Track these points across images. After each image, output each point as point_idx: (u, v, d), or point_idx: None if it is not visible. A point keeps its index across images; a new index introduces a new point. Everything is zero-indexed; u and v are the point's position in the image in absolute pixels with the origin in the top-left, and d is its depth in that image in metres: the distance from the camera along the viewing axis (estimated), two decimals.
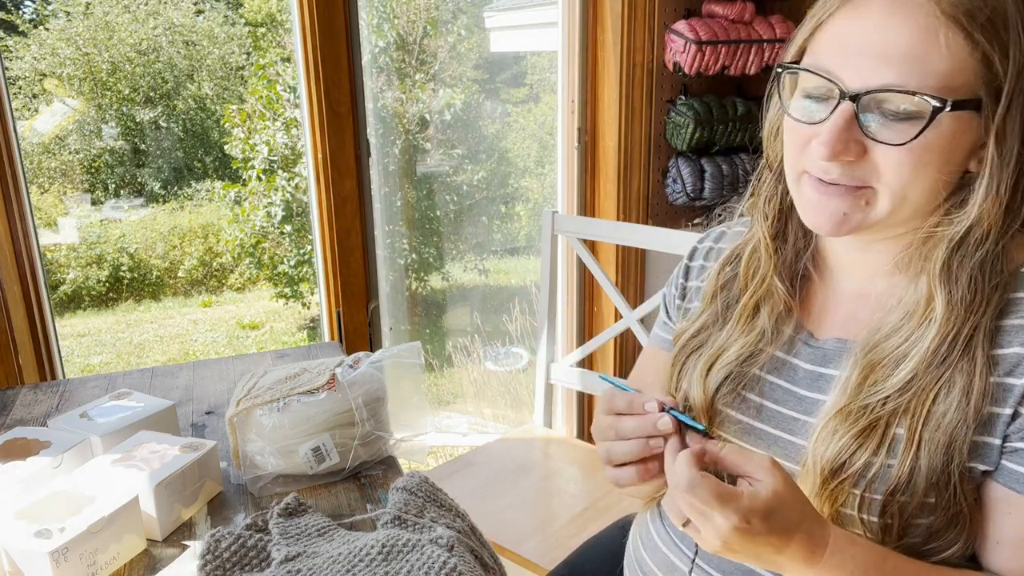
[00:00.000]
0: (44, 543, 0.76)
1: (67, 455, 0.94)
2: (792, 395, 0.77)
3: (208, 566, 0.78)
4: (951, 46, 0.61)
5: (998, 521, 0.66)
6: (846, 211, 0.68)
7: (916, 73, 0.61)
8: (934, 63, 0.61)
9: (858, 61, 0.64)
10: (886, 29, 0.62)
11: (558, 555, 1.21)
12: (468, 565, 0.78)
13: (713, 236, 0.93)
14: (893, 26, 0.62)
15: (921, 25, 0.61)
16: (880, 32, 0.63)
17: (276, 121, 4.36)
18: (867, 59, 0.63)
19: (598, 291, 2.17)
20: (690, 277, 0.93)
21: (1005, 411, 0.64)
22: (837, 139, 0.64)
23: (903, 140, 0.63)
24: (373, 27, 2.79)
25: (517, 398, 3.07)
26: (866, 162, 0.66)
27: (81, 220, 5.80)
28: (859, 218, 0.68)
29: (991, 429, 0.65)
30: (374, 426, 1.03)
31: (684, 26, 1.91)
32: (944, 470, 0.64)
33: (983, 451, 0.65)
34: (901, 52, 0.62)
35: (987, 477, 0.66)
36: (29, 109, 5.87)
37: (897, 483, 0.65)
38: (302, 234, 4.53)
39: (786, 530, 0.61)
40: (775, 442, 0.77)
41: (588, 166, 2.11)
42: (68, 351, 4.97)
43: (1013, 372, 0.64)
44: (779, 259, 0.79)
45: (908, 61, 0.62)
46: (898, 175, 0.65)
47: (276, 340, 5.28)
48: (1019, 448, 0.64)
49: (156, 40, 6.13)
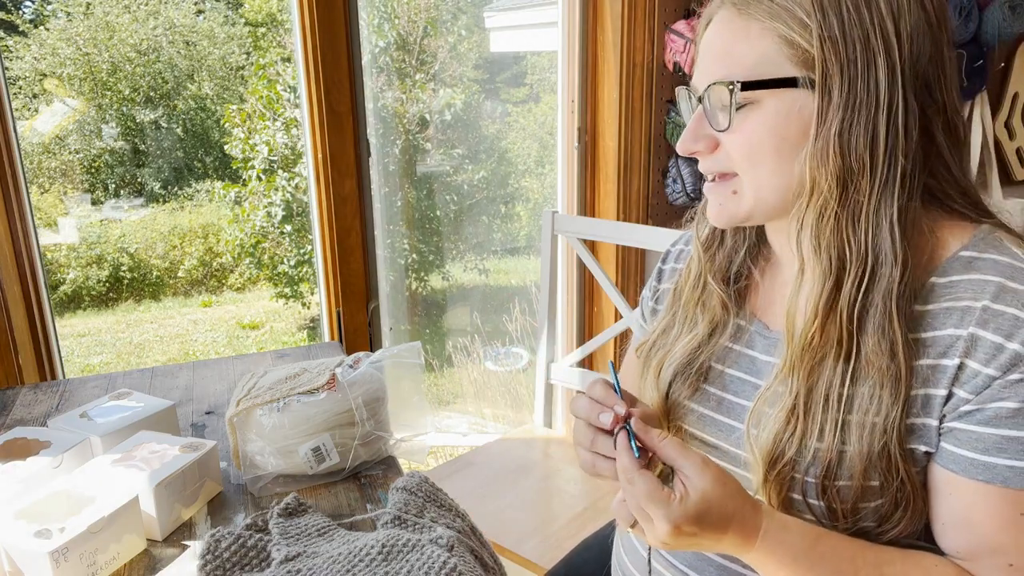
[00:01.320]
0: (44, 543, 0.76)
1: (67, 455, 0.94)
2: (749, 385, 0.79)
3: (208, 566, 0.78)
4: (752, 37, 0.69)
5: (941, 503, 0.68)
6: (721, 202, 0.75)
7: (728, 65, 0.70)
8: (743, 55, 0.69)
9: (699, 67, 0.74)
10: (712, 35, 0.72)
11: (558, 555, 1.21)
12: (468, 565, 0.78)
13: (684, 239, 0.96)
14: (715, 32, 0.72)
15: (733, 25, 0.70)
16: (709, 39, 0.73)
17: (276, 121, 4.36)
18: (702, 63, 0.74)
19: (598, 291, 2.17)
20: (662, 279, 0.96)
21: (940, 392, 0.66)
22: (688, 134, 0.74)
23: (724, 126, 0.71)
24: (373, 27, 2.79)
25: (517, 398, 3.07)
26: (720, 152, 0.73)
27: (81, 220, 5.80)
28: (732, 207, 0.75)
29: (928, 410, 0.66)
30: (374, 426, 1.03)
31: (684, 26, 1.91)
32: (882, 453, 0.66)
33: (922, 432, 0.67)
34: (718, 51, 0.71)
35: (930, 459, 0.68)
36: (29, 109, 5.87)
37: (828, 466, 0.68)
38: (302, 234, 4.53)
39: (719, 526, 0.65)
40: (733, 432, 0.78)
41: (588, 166, 2.11)
42: (68, 351, 4.97)
43: (946, 354, 0.66)
44: (712, 261, 0.84)
45: (723, 57, 0.70)
46: (739, 156, 0.71)
47: (276, 340, 5.28)
48: (954, 428, 0.66)
49: (156, 40, 6.14)
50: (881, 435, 0.66)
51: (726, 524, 0.65)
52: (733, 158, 0.72)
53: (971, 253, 0.68)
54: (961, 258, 0.68)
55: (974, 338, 0.64)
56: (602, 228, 1.79)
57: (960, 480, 0.66)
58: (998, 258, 0.67)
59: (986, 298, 0.65)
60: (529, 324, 2.94)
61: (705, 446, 0.81)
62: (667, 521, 0.63)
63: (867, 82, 0.65)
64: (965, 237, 0.70)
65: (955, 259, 0.68)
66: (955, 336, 0.65)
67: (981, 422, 0.64)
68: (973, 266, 0.67)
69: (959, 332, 0.65)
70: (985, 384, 0.63)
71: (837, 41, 0.65)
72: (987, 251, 0.68)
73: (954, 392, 0.65)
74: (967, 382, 0.64)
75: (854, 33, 0.65)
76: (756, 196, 0.72)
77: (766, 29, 0.68)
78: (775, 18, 0.67)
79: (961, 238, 0.70)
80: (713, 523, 0.64)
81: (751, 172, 0.71)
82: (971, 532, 0.67)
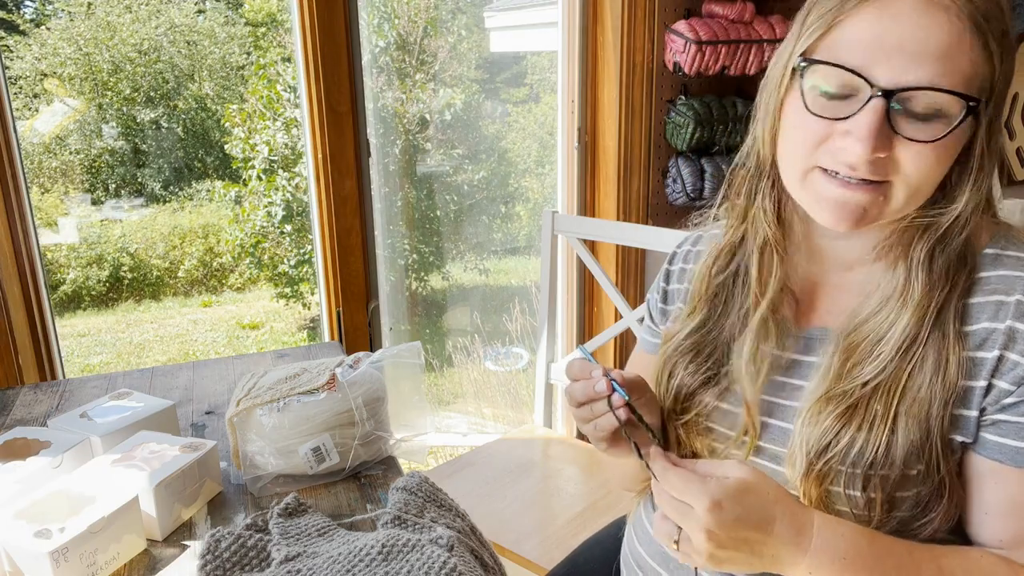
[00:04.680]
0: (44, 543, 0.76)
1: (67, 455, 0.94)
2: (774, 383, 0.79)
3: (208, 566, 0.78)
4: (973, 49, 0.64)
5: (985, 492, 0.70)
6: (866, 206, 0.69)
7: (948, 72, 0.63)
8: (961, 64, 0.64)
9: (890, 58, 0.64)
10: (919, 28, 0.63)
11: (558, 555, 1.21)
12: (468, 565, 0.78)
13: (691, 240, 0.95)
14: (926, 26, 0.63)
15: (953, 26, 0.63)
16: (914, 30, 0.63)
17: (276, 121, 4.36)
18: (900, 57, 0.64)
19: (598, 291, 2.17)
20: (671, 281, 0.94)
21: (979, 383, 0.68)
22: (876, 136, 0.65)
23: (933, 137, 0.65)
24: (373, 27, 2.79)
25: (517, 398, 3.07)
26: (888, 159, 0.67)
27: (81, 220, 5.80)
28: (875, 212, 0.70)
29: (967, 402, 0.68)
30: (374, 426, 1.03)
31: (684, 26, 1.91)
32: (925, 442, 0.67)
33: (961, 423, 0.69)
34: (934, 51, 0.63)
35: (968, 449, 0.70)
36: (30, 109, 5.87)
37: (875, 456, 0.68)
38: (302, 234, 4.53)
39: (763, 512, 0.64)
40: (765, 429, 0.78)
41: (588, 166, 2.11)
42: (68, 351, 4.97)
43: (983, 346, 0.68)
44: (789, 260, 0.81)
45: (941, 60, 0.63)
46: (919, 170, 0.67)
47: (276, 340, 5.28)
48: (998, 420, 0.68)
49: (157, 40, 6.13)
50: (926, 425, 0.67)
51: (771, 511, 0.64)
52: (903, 166, 0.67)
53: (995, 250, 0.72)
54: (987, 255, 0.72)
55: (1012, 331, 0.67)
56: (602, 228, 1.79)
57: (1007, 469, 0.68)
58: (1021, 255, 0.71)
59: (1018, 292, 0.68)
60: (529, 324, 2.94)
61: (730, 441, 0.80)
62: (705, 496, 0.62)
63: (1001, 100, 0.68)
64: (986, 235, 0.73)
65: (982, 256, 0.72)
66: (991, 329, 0.68)
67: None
68: (1000, 262, 0.71)
69: (996, 325, 0.68)
70: None
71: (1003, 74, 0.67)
72: (1009, 248, 0.72)
73: (994, 384, 0.67)
74: (1007, 373, 0.67)
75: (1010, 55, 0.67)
76: (904, 205, 0.69)
77: (985, 47, 0.65)
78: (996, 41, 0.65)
79: (984, 236, 0.73)
80: (755, 505, 0.63)
81: (916, 182, 0.68)
82: (1019, 520, 0.68)
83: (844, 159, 0.68)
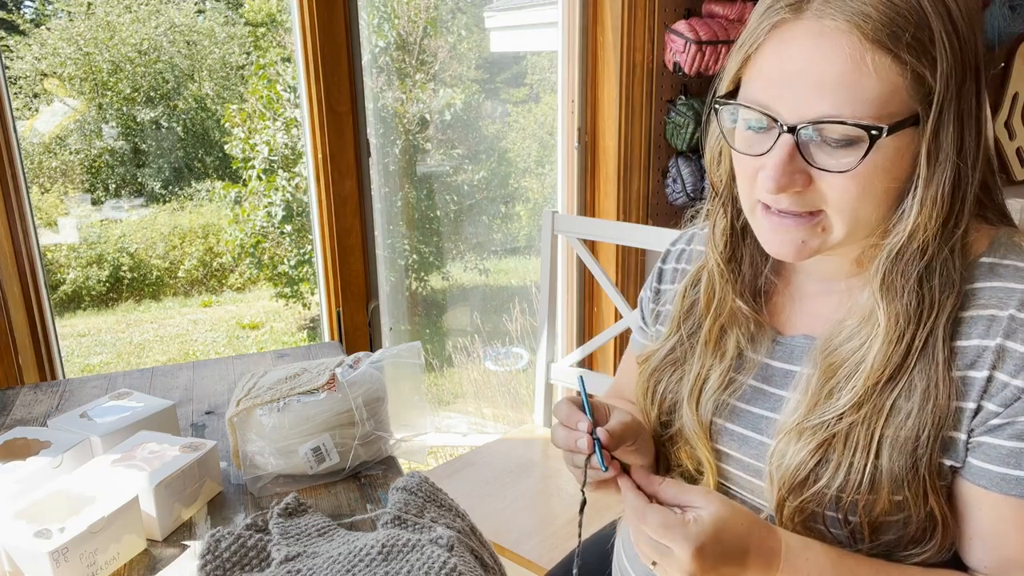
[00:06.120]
0: (44, 543, 0.76)
1: (67, 455, 0.94)
2: (762, 393, 0.78)
3: (208, 566, 0.78)
4: (880, 70, 0.60)
5: (970, 517, 0.68)
6: (804, 238, 0.68)
7: (849, 101, 0.60)
8: (866, 89, 0.60)
9: (792, 93, 0.63)
10: (815, 59, 0.61)
11: (558, 555, 1.21)
12: (468, 565, 0.78)
13: (685, 238, 0.94)
14: (820, 56, 0.61)
15: (848, 53, 0.60)
16: (809, 63, 0.61)
17: (276, 121, 4.35)
18: (800, 90, 0.62)
19: (598, 291, 2.17)
20: (663, 280, 0.94)
21: (969, 405, 0.65)
22: (782, 172, 0.64)
23: (846, 168, 0.62)
24: (373, 27, 2.78)
25: (517, 398, 3.07)
26: (812, 190, 0.65)
27: (81, 220, 5.80)
28: (817, 243, 0.68)
29: (957, 424, 0.65)
30: (374, 426, 1.03)
31: (684, 26, 1.91)
32: (912, 468, 0.65)
33: (950, 446, 0.66)
34: (832, 81, 0.61)
35: (956, 474, 0.67)
36: (30, 109, 5.87)
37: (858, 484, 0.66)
38: (302, 234, 4.53)
39: (739, 546, 0.64)
40: (745, 441, 0.78)
41: (588, 166, 2.11)
42: (68, 351, 4.96)
43: (974, 365, 0.65)
44: (737, 281, 0.79)
45: (840, 90, 0.61)
46: (845, 200, 0.64)
47: (276, 340, 5.28)
48: (983, 443, 0.65)
49: (157, 40, 6.13)
50: (913, 450, 0.65)
51: (745, 543, 0.64)
52: (831, 197, 0.65)
53: (992, 259, 0.67)
54: (983, 264, 0.67)
55: (1002, 349, 0.63)
56: (602, 228, 1.79)
57: (990, 495, 0.65)
58: (1020, 265, 0.66)
59: (1012, 307, 0.64)
60: (529, 324, 2.94)
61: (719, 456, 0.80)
62: (688, 542, 0.61)
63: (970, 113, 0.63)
64: (984, 242, 0.69)
65: (977, 265, 0.67)
66: (983, 347, 0.64)
67: (1012, 436, 0.63)
68: (996, 272, 0.66)
69: (987, 343, 0.64)
70: (1015, 396, 0.63)
71: (953, 76, 0.61)
72: (1008, 257, 0.67)
73: (983, 405, 0.64)
74: (996, 394, 0.64)
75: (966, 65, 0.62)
76: (848, 233, 0.67)
77: (898, 63, 0.60)
78: (913, 52, 0.60)
79: (982, 243, 0.69)
80: (732, 542, 0.63)
81: (848, 211, 0.65)
82: (1001, 546, 0.66)
83: (764, 194, 0.68)
